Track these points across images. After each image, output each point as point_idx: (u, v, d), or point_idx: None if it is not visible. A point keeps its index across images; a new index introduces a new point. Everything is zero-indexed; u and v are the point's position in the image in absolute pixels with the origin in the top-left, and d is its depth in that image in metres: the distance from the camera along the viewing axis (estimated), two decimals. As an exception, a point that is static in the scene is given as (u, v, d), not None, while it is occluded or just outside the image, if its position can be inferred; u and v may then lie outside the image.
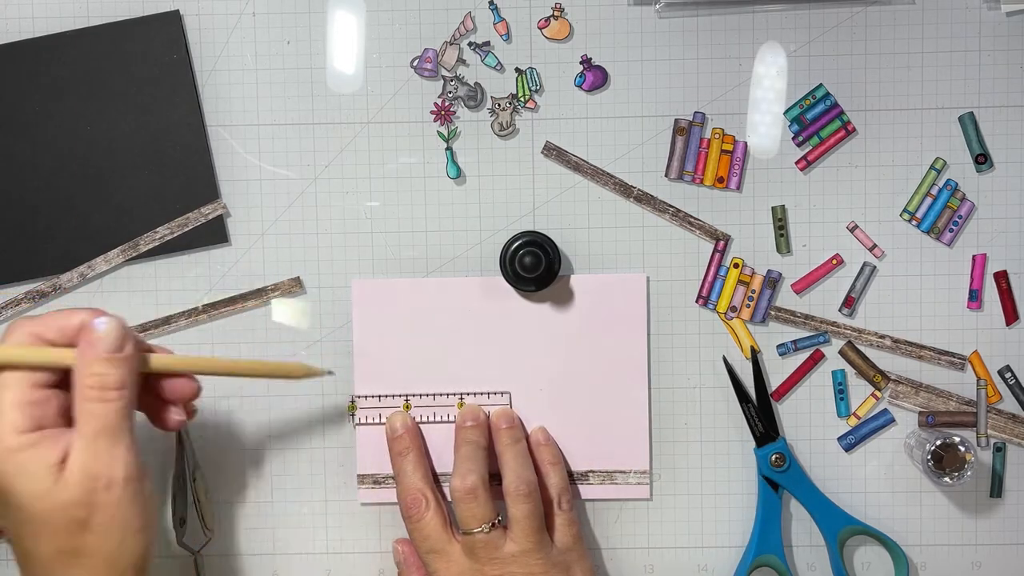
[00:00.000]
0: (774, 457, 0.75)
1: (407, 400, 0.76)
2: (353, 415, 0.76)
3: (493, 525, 0.70)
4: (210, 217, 0.76)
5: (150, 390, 0.65)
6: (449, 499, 0.73)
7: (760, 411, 0.76)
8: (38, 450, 0.58)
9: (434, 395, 0.76)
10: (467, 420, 0.75)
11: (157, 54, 0.75)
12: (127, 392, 0.61)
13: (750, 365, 0.76)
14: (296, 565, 0.78)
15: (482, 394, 0.76)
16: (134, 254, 0.76)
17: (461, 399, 0.76)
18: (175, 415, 0.66)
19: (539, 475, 0.74)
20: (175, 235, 0.76)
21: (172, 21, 0.75)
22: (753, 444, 0.76)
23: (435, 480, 0.75)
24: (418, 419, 0.76)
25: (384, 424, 0.76)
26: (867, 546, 0.77)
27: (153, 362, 0.64)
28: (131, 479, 0.59)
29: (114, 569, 0.59)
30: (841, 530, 0.76)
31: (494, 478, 0.73)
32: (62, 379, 0.61)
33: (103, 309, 0.63)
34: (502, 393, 0.76)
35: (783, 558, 0.75)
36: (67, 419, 0.61)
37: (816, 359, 0.77)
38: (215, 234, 0.76)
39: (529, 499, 0.71)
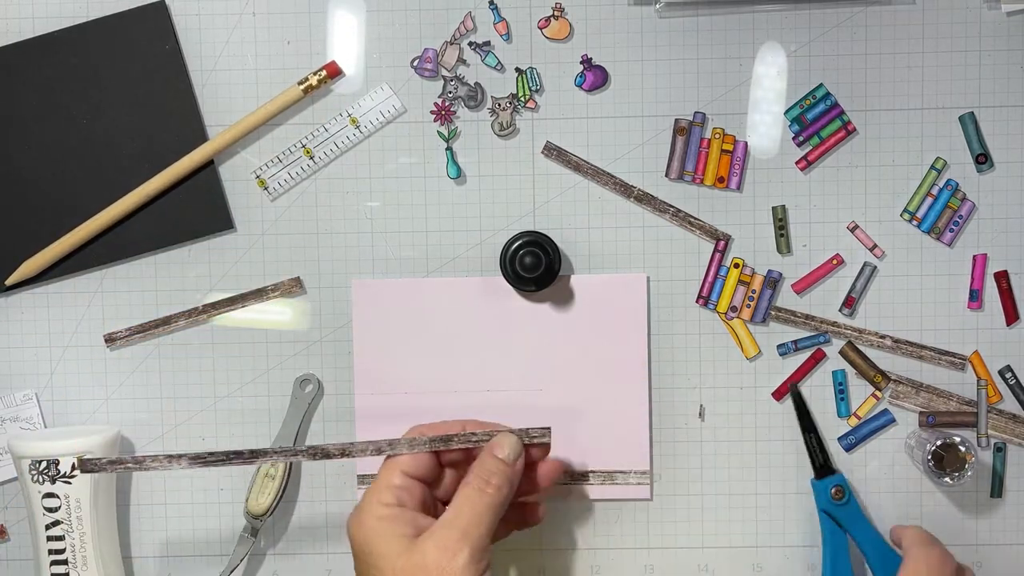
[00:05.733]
0: (833, 490, 0.75)
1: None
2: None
3: None
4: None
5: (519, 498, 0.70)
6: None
7: (820, 443, 0.76)
8: (396, 522, 0.65)
9: (433, 395, 0.76)
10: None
11: (148, 46, 0.75)
12: (503, 495, 0.67)
13: (809, 394, 0.76)
14: (297, 565, 0.78)
15: (482, 393, 0.76)
16: (136, 251, 0.76)
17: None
18: (541, 509, 0.73)
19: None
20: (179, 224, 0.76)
21: (159, 12, 0.75)
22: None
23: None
24: (416, 419, 0.76)
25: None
26: None
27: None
28: (468, 569, 0.64)
29: None
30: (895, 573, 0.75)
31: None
32: (428, 477, 0.69)
33: (496, 424, 0.71)
34: (502, 392, 0.76)
35: None
36: (424, 509, 0.68)
37: (818, 358, 0.77)
38: (219, 220, 0.76)
39: None
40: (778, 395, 0.77)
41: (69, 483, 0.73)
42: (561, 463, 0.72)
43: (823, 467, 0.76)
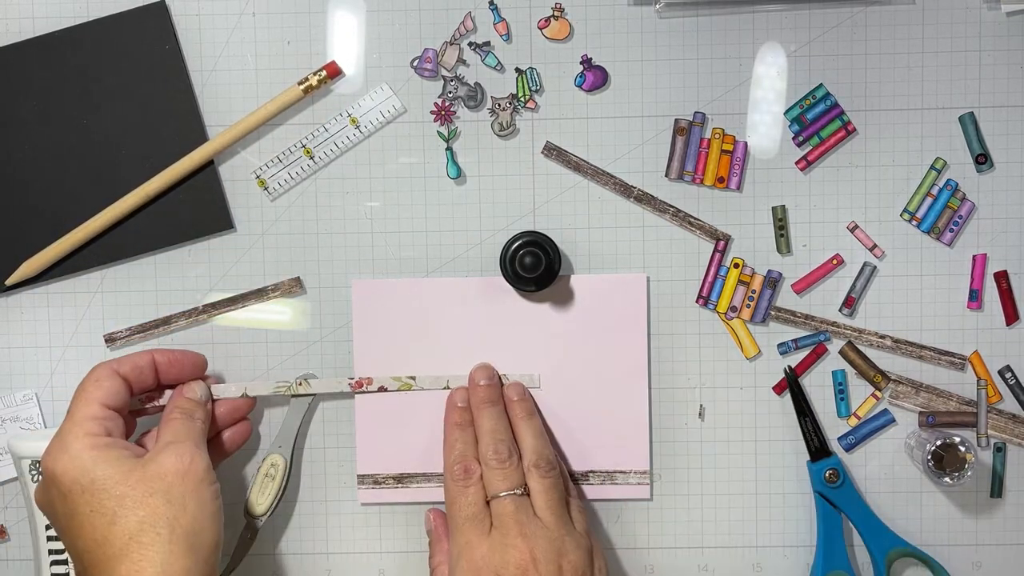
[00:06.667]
0: (828, 473, 0.75)
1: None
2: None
3: (523, 492, 0.70)
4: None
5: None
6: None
7: (816, 426, 0.76)
8: (115, 449, 0.66)
9: (433, 394, 0.76)
10: (480, 378, 0.75)
11: (148, 46, 0.75)
12: (206, 425, 0.71)
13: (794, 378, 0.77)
14: (296, 565, 0.78)
15: (482, 394, 0.77)
16: (137, 250, 0.76)
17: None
18: (239, 432, 0.75)
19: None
20: (180, 223, 0.76)
21: (159, 12, 0.75)
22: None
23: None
24: (416, 418, 0.76)
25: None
26: (914, 567, 0.77)
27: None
28: (208, 474, 0.67)
29: (192, 549, 0.64)
30: (890, 551, 0.75)
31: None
32: (124, 410, 0.70)
33: (169, 349, 0.73)
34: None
35: (852, 574, 0.75)
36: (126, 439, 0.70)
37: (819, 352, 0.76)
38: (219, 220, 0.76)
39: (549, 474, 0.71)
40: (779, 389, 0.77)
41: (69, 483, 0.73)
42: (251, 399, 0.75)
43: (819, 451, 0.76)
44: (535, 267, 0.73)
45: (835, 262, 0.76)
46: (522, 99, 0.76)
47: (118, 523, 0.64)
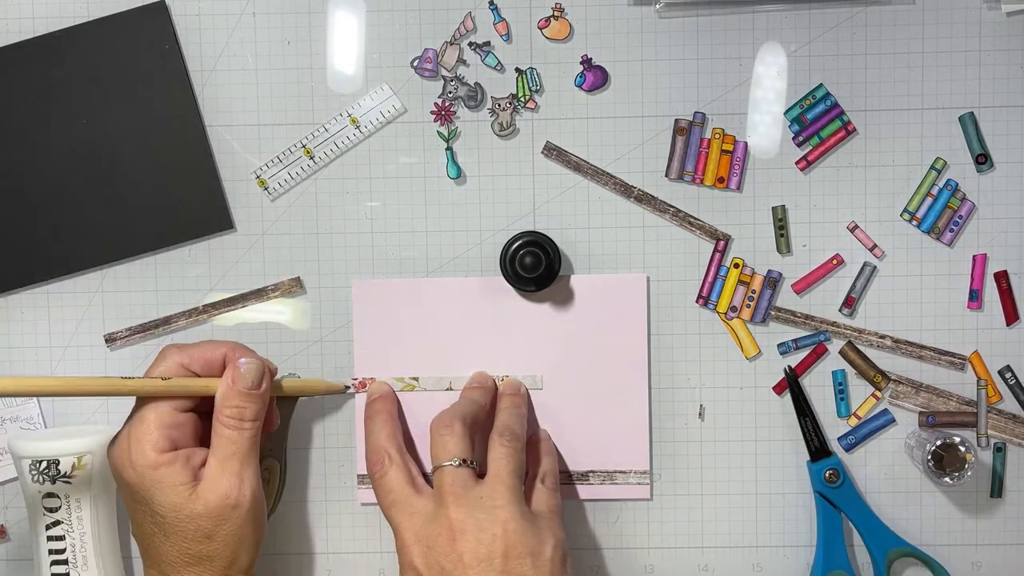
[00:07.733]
0: (828, 473, 0.75)
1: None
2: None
3: (463, 462, 0.69)
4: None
5: None
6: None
7: (816, 426, 0.76)
8: (174, 468, 0.67)
9: (433, 393, 0.76)
10: (473, 382, 0.75)
11: (148, 46, 0.75)
12: (258, 424, 0.70)
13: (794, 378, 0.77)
14: (296, 565, 0.78)
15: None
16: (138, 250, 0.76)
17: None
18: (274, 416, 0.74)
19: (530, 456, 0.73)
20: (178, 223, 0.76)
21: (159, 12, 0.75)
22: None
23: (409, 445, 0.75)
24: (417, 418, 0.76)
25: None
26: (914, 567, 0.77)
27: (285, 387, 0.73)
28: (254, 500, 0.68)
29: (227, 574, 0.68)
30: (890, 551, 0.75)
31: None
32: (198, 405, 0.69)
33: (244, 346, 0.71)
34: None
35: (852, 574, 0.75)
36: (199, 440, 0.70)
37: (820, 352, 0.76)
38: (219, 220, 0.76)
39: (509, 444, 0.70)
40: (779, 389, 0.77)
41: (69, 483, 0.73)
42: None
43: (819, 451, 0.76)
44: (535, 267, 0.73)
45: (835, 262, 0.76)
46: (522, 99, 0.76)
47: (161, 548, 0.67)
